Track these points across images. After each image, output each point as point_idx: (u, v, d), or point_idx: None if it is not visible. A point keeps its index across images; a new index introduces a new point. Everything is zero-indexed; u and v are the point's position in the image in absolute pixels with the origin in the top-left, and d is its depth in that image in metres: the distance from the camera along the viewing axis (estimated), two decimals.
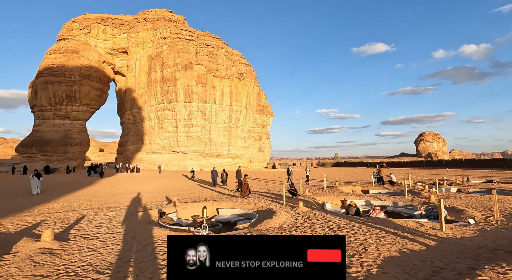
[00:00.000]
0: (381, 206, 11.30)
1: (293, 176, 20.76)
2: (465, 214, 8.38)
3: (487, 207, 9.71)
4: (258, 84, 72.21)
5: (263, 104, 72.70)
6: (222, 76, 57.49)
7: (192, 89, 52.75)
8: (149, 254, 4.72)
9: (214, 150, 56.93)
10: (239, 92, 60.43)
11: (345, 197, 12.13)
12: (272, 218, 7.31)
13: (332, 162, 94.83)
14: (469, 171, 40.16)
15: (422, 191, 14.25)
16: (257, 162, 69.32)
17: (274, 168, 71.33)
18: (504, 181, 20.85)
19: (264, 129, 71.97)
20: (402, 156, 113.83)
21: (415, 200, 11.17)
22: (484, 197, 12.40)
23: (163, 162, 53.14)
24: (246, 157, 64.49)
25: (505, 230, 6.55)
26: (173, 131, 54.02)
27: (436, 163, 60.51)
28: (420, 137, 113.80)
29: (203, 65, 54.77)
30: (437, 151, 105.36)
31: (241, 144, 61.95)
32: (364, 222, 7.06)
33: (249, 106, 65.76)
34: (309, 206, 9.74)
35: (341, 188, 16.18)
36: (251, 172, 48.44)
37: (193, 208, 10.00)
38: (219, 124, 57.43)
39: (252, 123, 67.56)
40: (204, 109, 54.86)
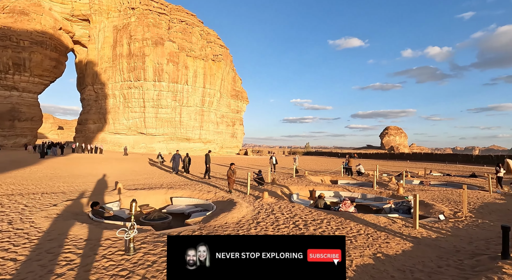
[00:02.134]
0: (350, 198, 10.86)
1: (276, 165, 19.92)
2: (434, 209, 8.11)
3: (452, 201, 9.63)
4: (233, 68, 69.78)
5: (238, 89, 70.74)
6: (196, 56, 54.28)
7: (163, 67, 49.18)
8: (42, 266, 3.36)
9: (185, 134, 54.52)
10: (213, 75, 57.80)
11: (313, 188, 11.54)
12: (230, 212, 6.30)
13: (304, 151, 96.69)
14: (426, 164, 42.83)
15: (389, 183, 14.21)
16: (229, 148, 68.09)
17: (246, 155, 70.80)
18: (460, 175, 22.01)
19: (238, 115, 70.42)
20: (368, 148, 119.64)
21: (384, 193, 10.90)
22: (447, 190, 12.57)
23: (129, 144, 49.72)
24: (218, 143, 62.89)
25: (476, 228, 6.22)
26: (140, 111, 50.42)
27: (397, 155, 64.08)
28: (385, 131, 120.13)
29: (175, 42, 51.06)
30: (399, 144, 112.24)
31: (213, 129, 60.05)
32: (333, 217, 6.35)
33: (224, 90, 63.49)
34: (275, 197, 8.91)
35: (310, 177, 15.71)
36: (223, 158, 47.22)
37: (142, 197, 8.65)
38: (191, 107, 54.78)
39: (226, 108, 65.60)
40: (175, 90, 51.73)
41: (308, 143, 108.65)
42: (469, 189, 14.01)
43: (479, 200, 10.21)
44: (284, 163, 31.61)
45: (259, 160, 44.74)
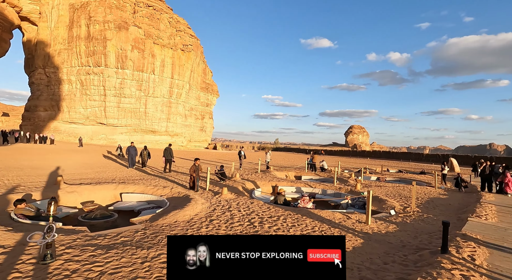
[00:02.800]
0: (310, 193, 11.00)
1: (245, 160, 19.57)
2: (386, 204, 8.49)
3: (403, 197, 10.22)
4: (204, 60, 67.79)
5: (209, 82, 68.98)
6: (164, 44, 51.59)
7: (127, 54, 45.95)
8: None
9: (150, 126, 51.89)
10: (182, 65, 55.54)
11: (276, 183, 11.51)
12: (182, 209, 5.89)
13: (273, 147, 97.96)
14: (384, 161, 46.01)
15: (349, 179, 14.76)
16: (198, 142, 66.43)
17: (215, 149, 69.75)
18: (411, 171, 23.82)
19: (208, 108, 68.78)
20: (333, 146, 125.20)
21: (343, 188, 11.25)
22: (399, 186, 13.40)
23: (86, 135, 45.92)
24: (186, 136, 60.95)
25: (422, 223, 6.57)
26: (100, 99, 46.72)
27: (359, 153, 67.91)
28: (350, 129, 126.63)
29: (141, 28, 47.93)
30: (361, 143, 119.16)
31: (181, 122, 57.98)
32: (290, 214, 6.26)
33: (193, 82, 61.45)
34: (235, 193, 8.64)
35: (275, 172, 15.75)
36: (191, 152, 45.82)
37: (86, 192, 7.81)
38: (157, 98, 52.18)
39: (195, 101, 63.64)
40: (140, 79, 48.77)
41: (277, 139, 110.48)
42: (418, 185, 15.12)
43: (426, 196, 11.00)
44: (252, 158, 31.55)
45: (228, 154, 44.26)
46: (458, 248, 4.36)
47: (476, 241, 4.97)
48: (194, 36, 60.22)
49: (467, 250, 4.29)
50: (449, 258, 3.96)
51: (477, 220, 6.51)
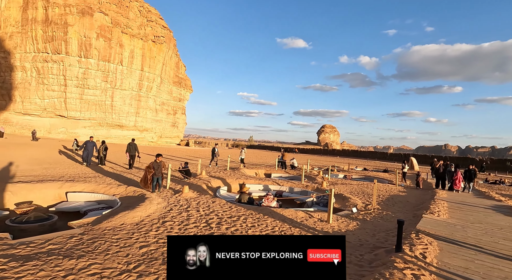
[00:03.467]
0: (277, 192, 10.90)
1: (219, 157, 18.93)
2: (349, 202, 8.62)
3: (366, 194, 10.51)
4: (177, 53, 65.45)
5: (182, 76, 66.77)
6: (133, 34, 48.81)
7: (91, 42, 42.71)
8: None
9: (117, 120, 48.98)
10: (153, 57, 53.05)
11: (244, 181, 11.25)
12: (133, 209, 5.37)
13: (247, 144, 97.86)
14: (353, 160, 48.01)
15: (316, 177, 14.96)
16: (169, 138, 64.19)
17: (187, 146, 67.93)
18: (376, 170, 24.98)
19: (180, 103, 66.61)
20: (306, 144, 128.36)
21: (310, 186, 11.32)
22: (363, 184, 13.85)
23: (43, 128, 42.09)
24: (157, 132, 58.54)
25: (381, 220, 6.70)
26: (60, 90, 43.02)
27: (330, 151, 70.26)
28: (322, 128, 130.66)
29: (108, 15, 44.84)
30: (332, 141, 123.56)
31: (151, 116, 55.49)
32: (252, 214, 6.02)
33: (165, 76, 59.09)
34: (198, 191, 8.21)
35: (245, 170, 15.49)
36: (161, 149, 44.02)
37: (24, 192, 6.89)
38: (125, 91, 49.33)
39: (167, 95, 61.29)
40: (106, 70, 45.71)
41: (252, 137, 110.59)
42: (380, 183, 15.79)
43: (387, 193, 11.44)
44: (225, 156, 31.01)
45: (200, 151, 43.21)
46: (412, 246, 4.41)
47: (428, 236, 5.11)
48: (166, 28, 57.76)
49: (420, 248, 4.35)
50: (402, 256, 3.97)
51: (431, 217, 6.79)
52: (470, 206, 9.04)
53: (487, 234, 5.62)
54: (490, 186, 18.04)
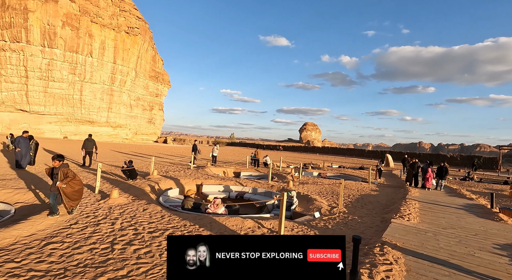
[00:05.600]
0: (239, 193, 9.85)
1: (200, 155, 17.53)
2: (314, 205, 7.73)
3: (336, 194, 9.71)
4: (154, 46, 62.60)
5: (159, 71, 64.02)
6: (104, 24, 45.84)
7: (56, 30, 39.47)
8: None
9: (87, 115, 46.01)
10: (127, 50, 50.23)
11: (202, 181, 10.09)
12: (16, 224, 4.05)
13: (228, 141, 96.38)
14: (332, 157, 48.09)
15: (288, 175, 14.07)
16: (145, 135, 61.52)
17: (165, 143, 65.54)
18: (352, 167, 24.61)
19: (158, 98, 63.92)
20: (288, 141, 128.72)
21: (275, 186, 10.34)
22: (336, 182, 13.12)
23: (2, 123, 38.57)
24: (132, 128, 55.80)
25: (344, 227, 5.82)
26: (21, 82, 39.54)
27: (311, 149, 70.51)
28: (304, 126, 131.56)
29: (75, 2, 41.69)
30: (314, 139, 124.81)
31: (125, 112, 52.72)
32: (186, 225, 4.91)
33: (140, 70, 56.32)
34: (135, 196, 6.91)
35: (211, 169, 14.29)
36: (136, 146, 41.79)
37: None
38: (96, 84, 46.37)
39: (143, 90, 58.51)
40: (74, 61, 42.62)
41: (233, 134, 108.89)
42: (354, 180, 15.20)
43: (358, 192, 10.72)
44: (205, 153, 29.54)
45: (178, 149, 41.29)
46: (372, 267, 3.50)
47: (395, 249, 4.24)
48: (141, 19, 54.88)
49: (382, 270, 3.44)
50: None
51: (400, 222, 6.00)
52: (442, 206, 8.45)
53: (461, 243, 4.86)
54: (461, 182, 18.06)
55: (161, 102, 65.36)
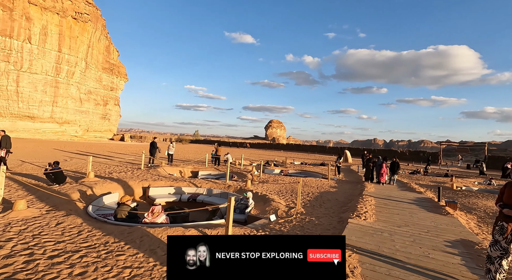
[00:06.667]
0: (192, 195, 8.99)
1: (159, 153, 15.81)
2: (271, 206, 7.23)
3: (295, 193, 9.37)
4: (108, 35, 57.49)
5: (114, 62, 59.00)
6: (45, 7, 40.64)
7: None
8: None
9: (26, 110, 40.62)
10: (75, 37, 45.29)
11: (150, 183, 9.02)
12: None
13: (193, 138, 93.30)
14: (296, 153, 49.05)
15: (249, 173, 13.52)
16: (99, 132, 56.46)
17: (122, 141, 60.94)
18: (313, 163, 25.02)
19: (113, 93, 58.97)
20: (254, 139, 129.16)
21: (232, 187, 9.67)
22: (296, 179, 12.91)
23: None
24: (82, 124, 50.74)
25: (300, 231, 5.39)
26: None
27: (276, 146, 71.31)
28: (269, 123, 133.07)
29: None
30: (279, 136, 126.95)
31: (74, 107, 47.69)
32: (108, 242, 3.95)
33: (92, 60, 51.31)
34: (55, 205, 5.61)
35: (165, 168, 13.10)
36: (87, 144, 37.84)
37: None
38: (37, 75, 41.08)
39: (95, 83, 53.46)
40: (7, 47, 37.17)
41: (197, 131, 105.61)
42: (314, 177, 15.23)
43: (317, 190, 10.56)
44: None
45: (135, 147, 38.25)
46: None
47: (351, 256, 3.86)
48: (92, 4, 49.83)
49: None
50: None
51: (357, 222, 5.75)
52: (396, 201, 8.58)
53: (415, 243, 4.70)
54: (410, 176, 19.32)
55: (117, 96, 60.45)
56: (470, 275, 3.58)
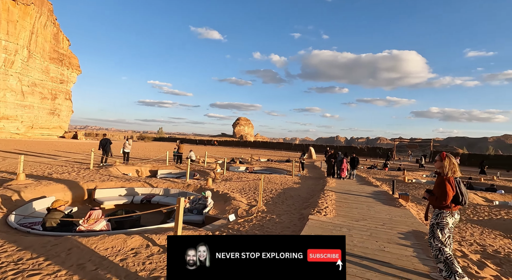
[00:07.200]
0: (147, 196, 8.26)
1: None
2: (231, 205, 6.88)
3: (258, 190, 9.10)
4: (55, 21, 51.83)
5: (64, 52, 53.47)
6: None
7: None
8: None
9: None
10: (14, 21, 40.07)
11: (97, 185, 8.07)
12: None
13: (156, 136, 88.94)
14: (263, 151, 49.37)
15: (212, 171, 13.01)
16: (46, 129, 50.92)
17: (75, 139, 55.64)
18: (279, 160, 25.27)
19: (63, 86, 53.48)
20: (222, 136, 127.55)
21: (192, 186, 9.12)
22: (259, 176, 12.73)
23: None
24: (25, 120, 45.34)
25: (259, 230, 5.12)
26: None
27: (243, 143, 71.17)
28: (237, 121, 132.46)
29: None
30: (247, 134, 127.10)
31: (15, 101, 42.40)
32: (23, 258, 3.24)
33: (37, 49, 45.93)
34: None
35: (119, 168, 11.98)
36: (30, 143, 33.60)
37: None
38: None
39: (41, 74, 47.98)
40: None
41: (161, 128, 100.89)
42: (279, 174, 15.25)
43: (281, 186, 10.50)
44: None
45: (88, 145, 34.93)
46: None
47: None
48: None
49: None
50: None
51: (317, 218, 5.67)
52: (355, 195, 8.82)
53: (372, 237, 4.72)
54: (368, 170, 20.45)
55: (68, 90, 54.96)
56: (422, 266, 3.62)
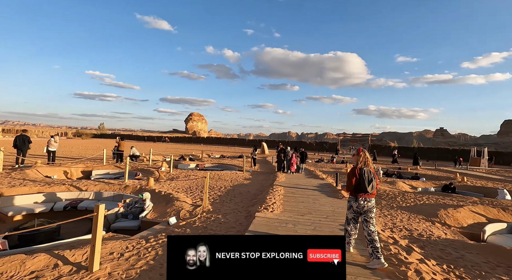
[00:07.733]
0: (75, 200, 7.13)
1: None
2: (174, 207, 6.32)
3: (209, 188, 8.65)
4: None
5: None
6: None
7: None
8: None
9: None
10: None
11: (3, 191, 6.65)
12: None
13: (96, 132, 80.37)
14: (216, 147, 48.52)
15: (158, 170, 12.04)
16: None
17: None
18: (232, 156, 25.00)
19: None
20: (174, 132, 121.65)
21: (130, 187, 8.22)
22: (211, 173, 12.27)
23: None
24: None
25: (203, 231, 4.72)
26: None
27: (196, 139, 68.96)
28: (190, 117, 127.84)
29: None
30: (200, 130, 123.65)
31: None
32: None
33: None
34: None
35: (41, 169, 10.19)
36: None
37: None
38: None
39: None
40: None
41: (103, 124, 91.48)
42: (231, 170, 14.96)
43: (231, 183, 10.23)
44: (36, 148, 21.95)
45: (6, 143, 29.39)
46: None
47: None
48: None
49: None
50: None
51: (264, 215, 5.53)
52: (302, 189, 9.03)
53: (315, 231, 4.77)
54: (316, 164, 21.58)
55: None
56: (360, 258, 3.70)
